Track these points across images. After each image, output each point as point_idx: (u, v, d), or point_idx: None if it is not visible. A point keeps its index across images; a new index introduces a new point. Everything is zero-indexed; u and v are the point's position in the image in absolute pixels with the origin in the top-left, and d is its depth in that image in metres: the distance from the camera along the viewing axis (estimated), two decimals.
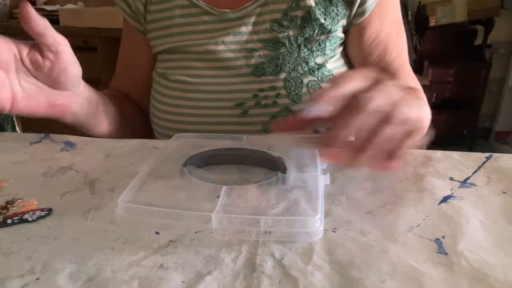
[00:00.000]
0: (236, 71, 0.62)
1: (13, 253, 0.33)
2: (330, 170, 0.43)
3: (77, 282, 0.30)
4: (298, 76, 0.62)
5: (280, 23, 0.61)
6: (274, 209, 0.39)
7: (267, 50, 0.61)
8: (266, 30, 0.61)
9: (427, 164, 0.48)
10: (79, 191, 0.43)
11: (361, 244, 0.34)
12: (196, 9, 0.62)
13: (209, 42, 0.62)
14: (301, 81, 0.62)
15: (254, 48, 0.62)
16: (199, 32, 0.62)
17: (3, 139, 0.57)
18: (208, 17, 0.62)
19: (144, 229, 0.36)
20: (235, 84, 0.62)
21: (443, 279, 0.30)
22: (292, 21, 0.61)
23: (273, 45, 0.61)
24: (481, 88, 2.54)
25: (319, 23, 0.60)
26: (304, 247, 0.34)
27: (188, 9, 0.62)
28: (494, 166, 0.48)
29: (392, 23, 0.65)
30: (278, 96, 0.62)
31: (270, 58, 0.62)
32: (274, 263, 0.32)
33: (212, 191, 0.41)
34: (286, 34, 0.61)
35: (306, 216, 0.37)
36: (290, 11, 0.60)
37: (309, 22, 0.60)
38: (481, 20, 2.48)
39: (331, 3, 0.61)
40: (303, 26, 0.61)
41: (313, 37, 0.61)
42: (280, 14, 0.60)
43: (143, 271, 0.31)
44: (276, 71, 0.62)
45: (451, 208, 0.40)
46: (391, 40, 0.65)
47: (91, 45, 1.96)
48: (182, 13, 0.63)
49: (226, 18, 0.62)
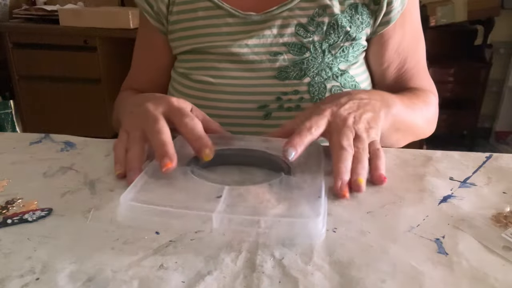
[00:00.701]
0: (259, 74, 0.62)
1: (13, 253, 0.33)
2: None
3: (77, 282, 0.30)
4: (322, 81, 0.62)
5: (305, 28, 0.61)
6: (275, 210, 0.38)
7: (291, 54, 0.62)
8: (291, 34, 0.61)
9: (427, 164, 0.48)
10: (79, 191, 0.43)
11: (361, 244, 0.34)
12: (220, 11, 0.62)
13: (233, 45, 0.62)
14: (325, 86, 0.62)
15: (279, 51, 0.62)
16: (222, 34, 0.62)
17: (3, 139, 0.57)
18: (232, 19, 0.62)
19: (144, 228, 0.36)
20: (258, 86, 0.62)
21: (443, 279, 0.30)
22: (318, 27, 0.61)
23: (298, 50, 0.62)
24: (481, 88, 2.54)
25: (345, 30, 0.61)
26: (304, 247, 0.34)
27: (212, 11, 0.62)
28: (494, 166, 0.48)
29: (412, 31, 0.66)
30: (301, 100, 0.62)
31: (295, 62, 0.62)
32: (274, 263, 0.32)
33: (214, 191, 0.40)
34: (311, 39, 0.61)
35: (307, 217, 0.36)
36: (317, 17, 0.61)
37: (335, 29, 0.61)
38: (481, 20, 2.48)
39: (357, 11, 0.61)
40: (328, 33, 0.61)
41: (337, 43, 0.62)
42: (307, 19, 0.61)
43: (143, 271, 0.31)
44: (300, 75, 0.62)
45: (451, 208, 0.40)
46: (411, 50, 0.66)
47: (91, 45, 1.96)
48: (205, 14, 0.63)
49: (251, 21, 0.62)
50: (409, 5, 0.62)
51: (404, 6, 0.61)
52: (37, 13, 2.06)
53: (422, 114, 0.63)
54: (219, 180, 0.43)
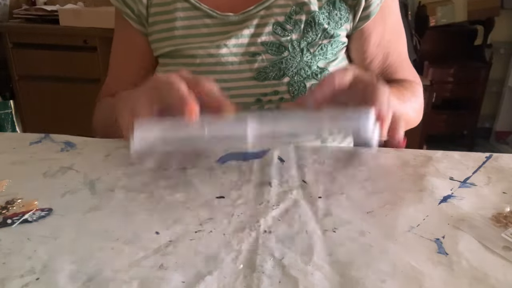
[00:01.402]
0: (238, 75, 0.62)
1: (13, 253, 0.33)
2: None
3: (77, 282, 0.30)
4: (301, 80, 0.62)
5: (283, 26, 0.60)
6: (274, 210, 0.39)
7: (269, 54, 0.61)
8: (268, 33, 0.61)
9: (427, 164, 0.48)
10: (79, 191, 0.43)
11: (361, 244, 0.34)
12: (197, 11, 0.62)
13: (211, 46, 0.61)
14: (304, 85, 0.62)
15: (257, 51, 0.61)
16: (200, 36, 0.62)
17: (3, 139, 0.57)
18: (210, 20, 0.62)
19: (145, 229, 0.36)
20: (238, 89, 0.62)
21: (443, 279, 0.30)
22: (295, 25, 0.60)
23: (276, 49, 0.61)
24: (481, 88, 2.54)
25: (323, 27, 0.60)
26: (304, 247, 0.33)
27: (190, 12, 0.62)
28: (494, 166, 0.48)
29: (393, 24, 0.66)
30: (281, 100, 0.61)
31: (273, 62, 0.61)
32: (274, 263, 0.32)
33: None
34: (289, 38, 0.61)
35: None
36: (294, 15, 0.60)
37: (312, 26, 0.60)
38: (481, 20, 2.49)
39: (335, 7, 0.61)
40: (306, 31, 0.61)
41: (316, 41, 0.61)
42: (284, 17, 0.60)
43: (143, 271, 0.31)
44: (279, 75, 0.61)
45: (451, 208, 0.40)
46: (393, 43, 0.66)
47: (91, 45, 1.96)
48: (183, 15, 0.62)
49: (228, 22, 0.61)
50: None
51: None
52: (37, 13, 2.06)
53: (412, 105, 0.64)
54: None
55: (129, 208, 0.39)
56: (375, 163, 0.49)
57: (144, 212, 0.39)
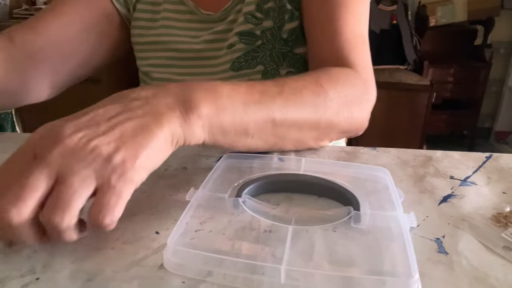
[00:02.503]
0: (217, 69, 0.64)
1: (13, 253, 0.33)
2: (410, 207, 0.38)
3: (77, 282, 0.30)
4: (275, 68, 0.62)
5: (254, 15, 0.61)
6: (275, 210, 0.38)
7: (243, 43, 0.62)
8: (241, 23, 0.61)
9: (427, 164, 0.48)
10: None
11: (362, 243, 0.34)
12: (183, 6, 0.64)
13: (192, 41, 0.63)
14: (278, 73, 0.62)
15: (232, 43, 0.62)
16: (183, 29, 0.64)
17: (3, 139, 0.57)
18: (193, 16, 0.64)
19: (145, 229, 0.36)
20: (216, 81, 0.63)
21: (443, 278, 0.30)
22: (266, 14, 0.61)
23: (249, 38, 0.62)
24: (481, 88, 2.55)
25: (288, 9, 0.60)
26: (304, 247, 0.33)
27: (177, 6, 0.64)
28: (494, 166, 0.48)
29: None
30: None
31: (246, 52, 0.62)
32: (275, 263, 0.32)
33: (274, 230, 0.36)
34: (261, 26, 0.61)
35: (397, 276, 0.30)
36: (263, 4, 0.61)
37: (281, 11, 0.61)
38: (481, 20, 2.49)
39: None
40: (274, 17, 0.61)
41: (285, 25, 0.61)
42: (254, 6, 0.61)
43: (143, 271, 0.31)
44: (253, 64, 0.62)
45: (451, 207, 0.40)
46: (338, 6, 0.54)
47: None
48: (170, 7, 0.64)
49: (210, 20, 0.63)
50: None
51: None
52: None
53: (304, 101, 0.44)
54: (278, 214, 0.38)
55: (129, 208, 0.39)
56: (375, 163, 0.49)
57: (144, 212, 0.39)
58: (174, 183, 0.44)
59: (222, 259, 0.31)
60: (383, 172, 0.43)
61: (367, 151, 0.52)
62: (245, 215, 0.37)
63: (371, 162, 0.49)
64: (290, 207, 0.39)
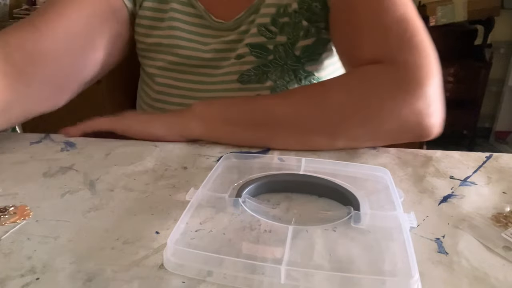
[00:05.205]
0: (223, 78, 0.61)
1: (13, 253, 0.33)
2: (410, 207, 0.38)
3: (77, 282, 0.30)
4: (284, 84, 0.60)
5: (268, 28, 0.59)
6: (275, 209, 0.38)
7: (253, 56, 0.60)
8: (253, 34, 0.60)
9: (427, 164, 0.48)
10: (79, 191, 0.43)
11: (362, 243, 0.34)
12: (192, 9, 0.61)
13: (199, 48, 0.60)
14: (287, 89, 0.60)
15: (242, 54, 0.60)
16: (189, 33, 0.61)
17: (3, 139, 0.57)
18: (201, 21, 0.61)
19: (145, 229, 0.36)
20: (221, 91, 0.61)
21: (443, 278, 0.30)
22: (281, 28, 0.59)
23: (260, 51, 0.60)
24: (481, 88, 2.54)
25: (303, 25, 0.59)
26: (304, 247, 0.33)
27: (184, 7, 0.61)
28: (494, 166, 0.48)
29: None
30: None
31: (257, 65, 0.60)
32: (275, 263, 0.32)
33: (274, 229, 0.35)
34: (274, 41, 0.59)
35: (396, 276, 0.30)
36: (279, 18, 0.59)
37: (294, 27, 0.59)
38: (481, 20, 2.49)
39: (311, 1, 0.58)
40: (289, 32, 0.59)
41: (299, 42, 0.60)
42: (269, 18, 0.59)
43: (143, 271, 0.31)
44: (262, 79, 0.60)
45: (451, 207, 0.40)
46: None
47: None
48: (178, 8, 0.61)
49: (220, 28, 0.61)
50: None
51: None
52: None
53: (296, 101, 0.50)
54: (278, 214, 0.38)
55: (129, 208, 0.39)
56: (375, 163, 0.49)
57: (144, 212, 0.39)
58: (174, 183, 0.44)
59: (222, 259, 0.31)
60: (383, 172, 0.43)
61: (367, 151, 0.52)
62: (245, 215, 0.37)
63: (371, 162, 0.49)
64: (290, 207, 0.39)
